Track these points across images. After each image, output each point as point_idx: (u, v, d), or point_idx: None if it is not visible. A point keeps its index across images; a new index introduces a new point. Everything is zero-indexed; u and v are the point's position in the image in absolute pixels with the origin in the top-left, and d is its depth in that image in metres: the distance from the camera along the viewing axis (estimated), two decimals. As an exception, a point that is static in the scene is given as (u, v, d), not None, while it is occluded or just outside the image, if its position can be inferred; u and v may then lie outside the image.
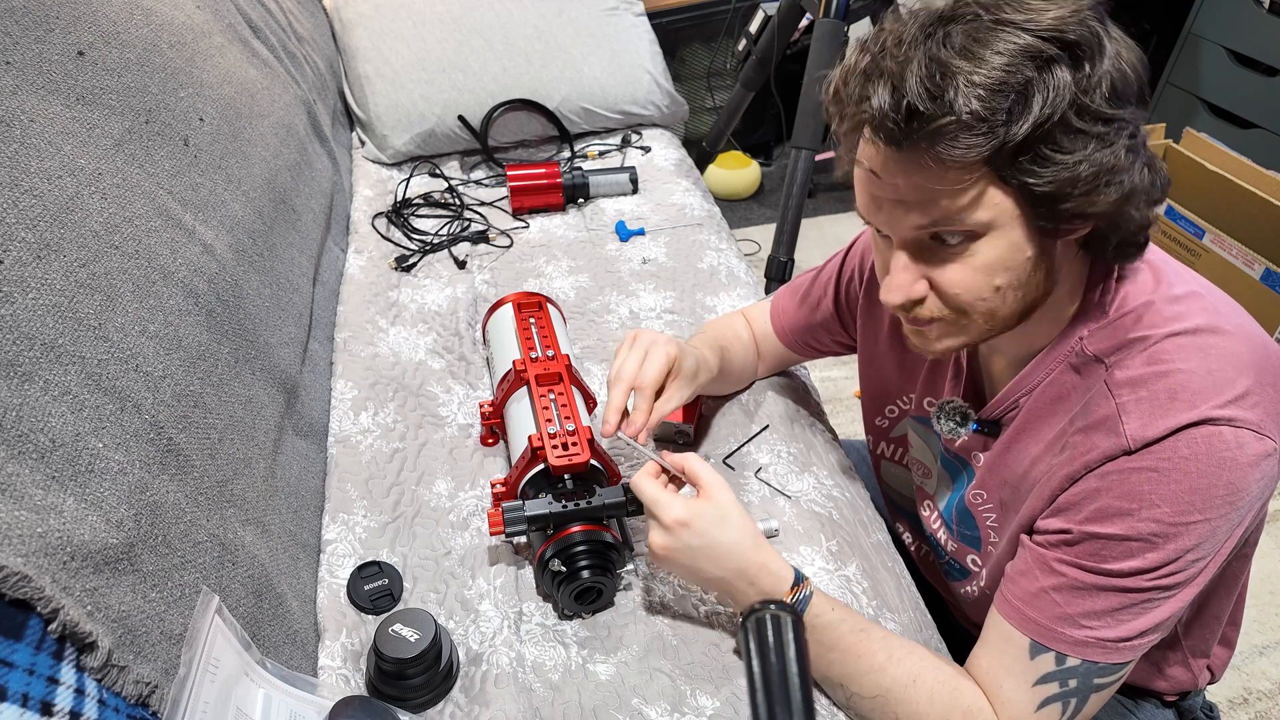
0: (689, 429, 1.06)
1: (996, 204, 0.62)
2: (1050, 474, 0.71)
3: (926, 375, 0.90)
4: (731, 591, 0.79)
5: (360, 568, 0.92)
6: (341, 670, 0.84)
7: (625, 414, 0.86)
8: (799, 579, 0.77)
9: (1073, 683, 0.69)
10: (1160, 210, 0.66)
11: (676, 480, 0.84)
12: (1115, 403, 0.66)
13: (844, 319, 1.00)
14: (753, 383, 1.15)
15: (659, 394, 0.89)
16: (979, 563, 0.85)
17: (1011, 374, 0.77)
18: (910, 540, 1.01)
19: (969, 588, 0.88)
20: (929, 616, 0.92)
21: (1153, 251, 0.73)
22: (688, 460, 0.81)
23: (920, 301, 0.69)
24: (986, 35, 0.58)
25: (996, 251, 0.64)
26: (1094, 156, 0.59)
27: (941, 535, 0.91)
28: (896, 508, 1.03)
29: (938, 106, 0.58)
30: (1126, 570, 0.65)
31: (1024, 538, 0.73)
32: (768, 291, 1.86)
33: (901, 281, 0.68)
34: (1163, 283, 0.69)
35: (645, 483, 0.80)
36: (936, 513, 0.92)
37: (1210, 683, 0.91)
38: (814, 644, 0.76)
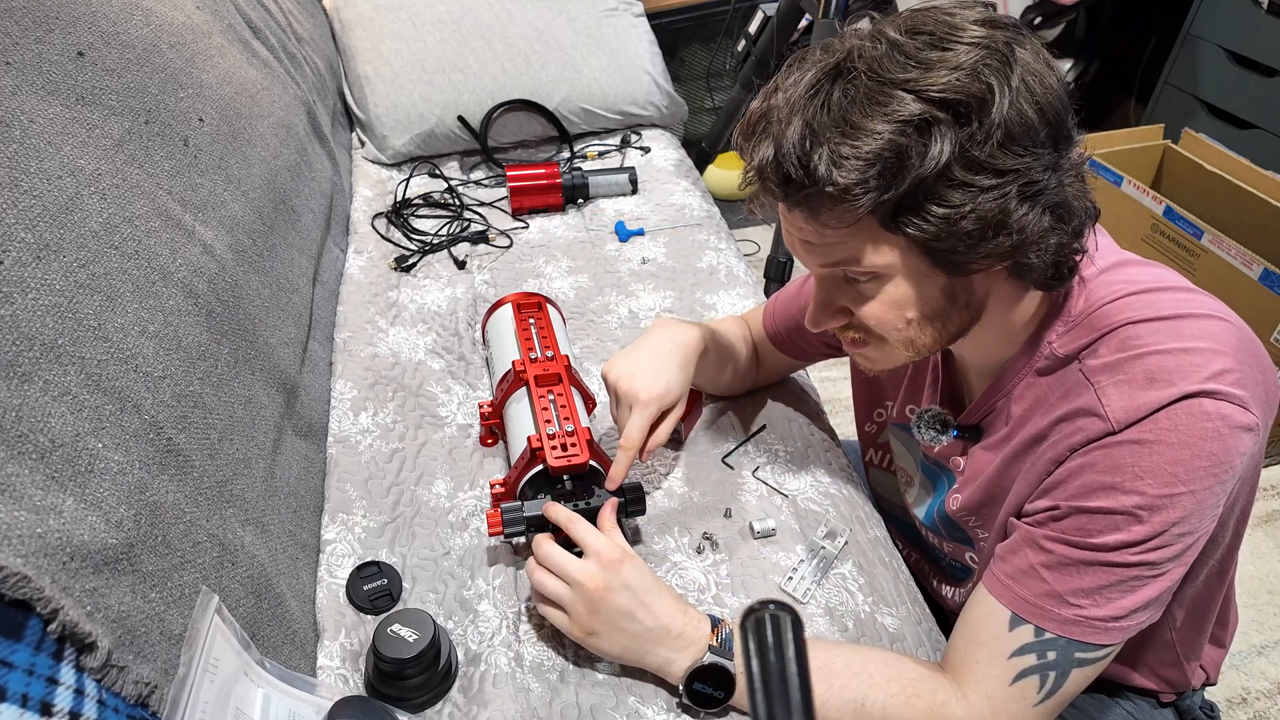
0: (680, 427, 1.06)
1: (890, 252, 0.64)
2: (1034, 462, 0.71)
3: (907, 384, 0.90)
4: (651, 647, 0.77)
5: (359, 568, 0.92)
6: (340, 670, 0.84)
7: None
8: (716, 621, 0.78)
9: (1051, 655, 0.67)
10: (1091, 238, 0.68)
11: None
12: (1095, 389, 0.66)
13: None
14: (753, 388, 1.15)
15: (657, 423, 0.90)
16: (976, 559, 0.86)
17: (985, 382, 0.78)
18: (901, 547, 1.01)
19: (969, 586, 0.88)
20: (927, 609, 0.92)
21: (1116, 253, 0.72)
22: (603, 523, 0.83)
23: (846, 325, 0.72)
24: (865, 100, 0.59)
25: (902, 291, 0.66)
26: (980, 210, 0.59)
27: (933, 539, 0.91)
28: (887, 515, 1.03)
29: (808, 176, 0.60)
30: (1112, 544, 0.64)
31: (1012, 520, 0.73)
32: (767, 292, 1.87)
33: (818, 318, 0.72)
34: (1130, 280, 0.69)
35: (579, 527, 0.81)
36: (919, 520, 0.92)
37: (1207, 684, 0.91)
38: (743, 691, 0.75)
